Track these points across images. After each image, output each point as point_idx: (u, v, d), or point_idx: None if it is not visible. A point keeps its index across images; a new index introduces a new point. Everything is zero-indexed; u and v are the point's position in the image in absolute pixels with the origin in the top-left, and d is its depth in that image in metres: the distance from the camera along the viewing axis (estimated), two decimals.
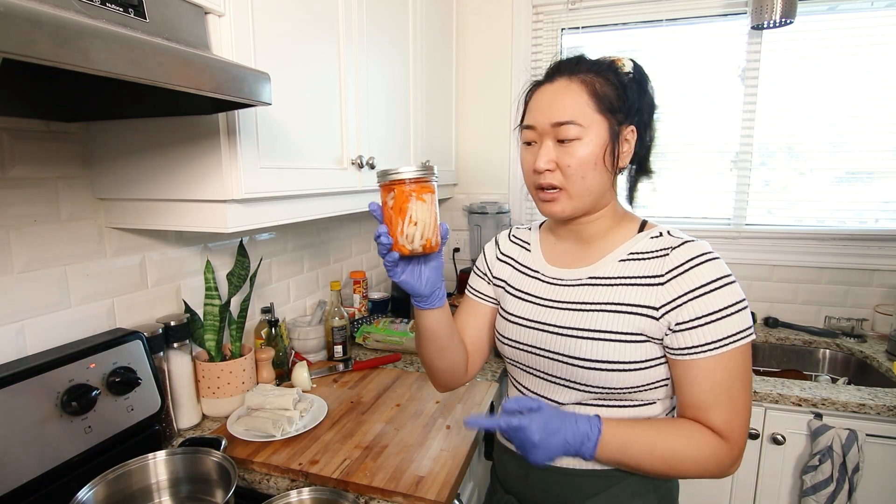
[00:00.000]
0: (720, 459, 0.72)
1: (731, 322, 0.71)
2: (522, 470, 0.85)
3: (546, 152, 0.77)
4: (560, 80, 0.78)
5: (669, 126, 1.97)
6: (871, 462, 1.36)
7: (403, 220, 0.69)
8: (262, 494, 0.95)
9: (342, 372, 1.47)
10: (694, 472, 0.73)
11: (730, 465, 0.73)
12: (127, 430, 0.95)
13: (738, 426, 0.73)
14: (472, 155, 2.19)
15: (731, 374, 0.72)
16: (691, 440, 0.72)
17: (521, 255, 0.92)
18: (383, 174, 0.70)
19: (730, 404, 0.72)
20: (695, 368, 0.73)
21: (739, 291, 0.73)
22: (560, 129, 0.76)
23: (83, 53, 0.49)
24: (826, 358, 1.80)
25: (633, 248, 0.79)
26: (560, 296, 0.82)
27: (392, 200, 0.70)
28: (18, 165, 0.90)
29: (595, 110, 0.76)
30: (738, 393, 0.72)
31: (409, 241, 0.70)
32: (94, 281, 1.03)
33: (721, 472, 0.73)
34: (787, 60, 1.82)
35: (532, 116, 0.80)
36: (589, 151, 0.75)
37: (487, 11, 2.09)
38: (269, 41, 0.96)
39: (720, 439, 0.72)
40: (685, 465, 0.72)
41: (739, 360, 0.72)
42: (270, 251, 1.53)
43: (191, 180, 0.92)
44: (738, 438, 0.73)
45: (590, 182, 0.77)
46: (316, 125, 1.14)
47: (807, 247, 1.86)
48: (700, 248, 0.75)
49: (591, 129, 0.76)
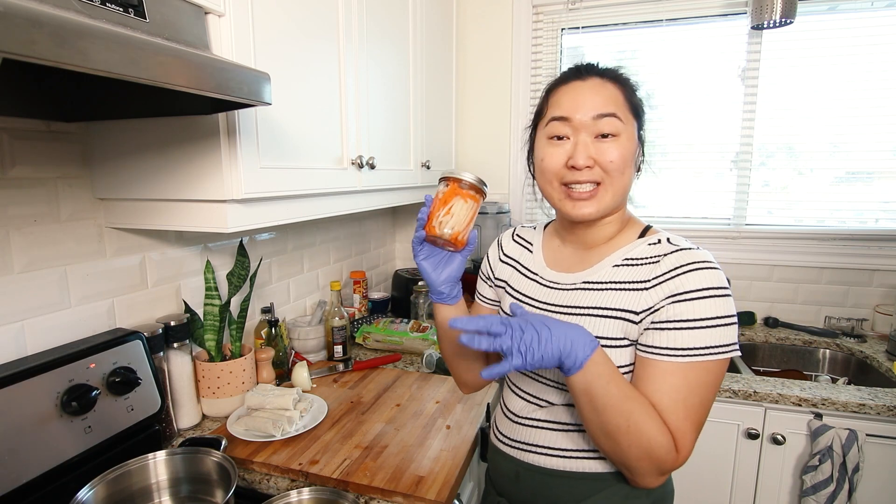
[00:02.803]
0: (666, 456, 0.68)
1: (710, 334, 0.68)
2: (513, 472, 0.85)
3: (585, 148, 0.74)
4: (593, 79, 0.77)
5: (669, 126, 1.97)
6: (871, 462, 1.36)
7: (443, 208, 0.77)
8: (262, 494, 0.95)
9: (342, 372, 1.47)
10: (638, 450, 0.68)
11: (670, 466, 0.69)
12: (127, 430, 0.95)
13: (688, 437, 0.69)
14: (472, 155, 2.19)
15: (689, 385, 0.68)
16: (656, 421, 0.68)
17: (524, 256, 0.92)
18: (445, 172, 0.80)
19: (685, 414, 0.68)
20: (653, 367, 0.70)
21: (730, 307, 0.69)
22: (602, 121, 0.73)
23: (83, 53, 0.49)
24: (826, 358, 1.80)
25: (629, 254, 0.78)
26: (554, 299, 0.82)
27: (441, 194, 0.78)
28: (18, 165, 0.90)
29: (629, 111, 0.76)
30: (695, 407, 0.69)
31: (441, 226, 0.77)
32: (94, 281, 1.03)
33: (659, 467, 0.69)
34: (786, 60, 1.82)
35: (565, 108, 0.76)
36: (627, 149, 0.75)
37: (487, 11, 2.09)
38: (269, 41, 0.96)
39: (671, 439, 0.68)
40: (641, 436, 0.67)
41: (704, 376, 0.68)
42: (270, 251, 1.53)
43: (191, 180, 0.92)
44: (683, 449, 0.69)
45: (626, 179, 0.76)
46: (316, 125, 1.14)
47: (807, 247, 1.86)
48: (695, 256, 0.72)
49: (628, 127, 0.75)
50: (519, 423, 0.85)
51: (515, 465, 0.84)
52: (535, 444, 0.82)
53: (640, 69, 1.98)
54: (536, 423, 0.83)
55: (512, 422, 0.86)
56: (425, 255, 0.81)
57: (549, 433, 0.81)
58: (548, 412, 0.82)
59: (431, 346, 1.60)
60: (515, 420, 0.86)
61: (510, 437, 0.86)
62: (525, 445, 0.83)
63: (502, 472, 0.88)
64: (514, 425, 0.86)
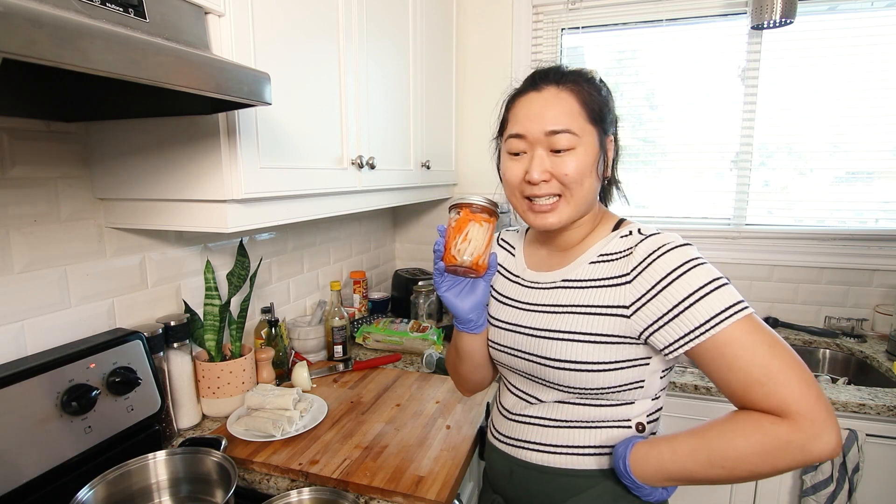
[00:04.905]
0: (785, 440, 0.61)
1: (710, 302, 0.66)
2: (507, 469, 0.86)
3: (540, 162, 0.74)
4: (548, 89, 0.76)
5: (669, 126, 1.97)
6: (871, 462, 1.36)
7: (459, 235, 0.77)
8: (262, 494, 0.95)
9: (342, 372, 1.47)
10: (763, 466, 0.62)
11: (805, 441, 0.60)
12: (127, 430, 0.95)
13: (794, 394, 0.62)
14: (472, 155, 2.19)
15: (745, 348, 0.64)
16: (735, 430, 0.64)
17: (507, 260, 0.93)
18: (454, 199, 0.80)
19: (766, 376, 0.63)
20: (698, 358, 0.68)
21: (712, 271, 0.68)
22: (554, 137, 0.73)
23: (83, 53, 0.49)
24: (826, 358, 1.80)
25: (604, 250, 0.78)
26: (535, 299, 0.83)
27: (454, 221, 0.78)
28: (18, 165, 0.90)
29: (586, 120, 0.75)
30: (769, 360, 0.63)
31: (460, 254, 0.76)
32: (94, 281, 1.03)
33: (799, 454, 0.61)
34: (786, 60, 1.81)
35: (520, 125, 0.77)
36: (583, 161, 0.74)
37: (487, 11, 2.08)
38: (269, 41, 0.96)
39: (777, 419, 0.63)
40: (746, 461, 0.62)
41: (746, 334, 0.65)
42: (270, 251, 1.53)
43: (191, 180, 0.92)
44: (799, 408, 0.61)
45: (586, 191, 0.76)
46: (316, 125, 1.14)
47: (807, 247, 1.86)
48: (662, 239, 0.72)
49: (584, 138, 0.75)
50: (512, 420, 0.86)
51: (509, 461, 0.85)
52: (527, 440, 0.83)
53: (640, 69, 1.98)
54: (528, 420, 0.84)
55: (506, 419, 0.88)
56: (448, 286, 0.81)
57: (541, 429, 0.82)
58: (539, 408, 0.83)
59: (431, 346, 1.60)
60: (509, 417, 0.87)
61: (504, 433, 0.87)
62: (518, 442, 0.84)
63: (497, 469, 0.89)
64: (508, 422, 0.87)
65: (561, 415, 0.80)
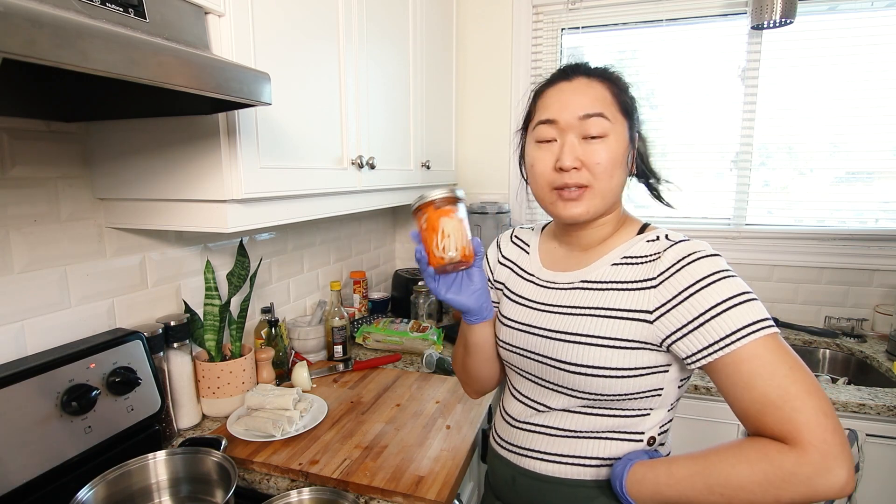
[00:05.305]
0: (790, 471, 0.58)
1: (738, 314, 0.64)
2: (510, 476, 0.84)
3: (571, 149, 0.73)
4: (579, 79, 0.76)
5: (669, 126, 1.97)
6: (871, 462, 1.36)
7: (436, 235, 0.74)
8: (262, 494, 0.95)
9: (342, 372, 1.47)
10: (764, 497, 0.59)
11: (812, 474, 0.57)
12: (127, 430, 0.95)
13: (809, 423, 0.58)
14: (472, 155, 2.19)
15: (765, 367, 0.62)
16: (738, 457, 0.61)
17: (521, 258, 0.92)
18: (414, 204, 0.76)
19: (782, 399, 0.60)
20: (716, 373, 0.66)
21: (741, 285, 0.66)
22: (588, 122, 0.72)
23: (83, 53, 0.49)
24: (826, 358, 1.80)
25: (628, 252, 0.76)
26: (552, 299, 0.81)
27: (425, 223, 0.75)
28: (18, 165, 0.90)
29: (618, 110, 0.74)
30: (789, 383, 0.60)
31: (445, 252, 0.74)
32: (94, 281, 1.03)
33: (804, 487, 0.57)
34: (786, 60, 1.82)
35: (552, 111, 0.75)
36: (616, 150, 0.73)
37: (487, 11, 2.09)
38: (269, 41, 0.96)
39: (784, 447, 0.59)
40: (746, 489, 0.60)
41: (769, 353, 0.62)
42: (270, 251, 1.53)
43: (191, 180, 0.92)
44: (812, 438, 0.58)
45: (616, 182, 0.75)
46: (316, 125, 1.14)
47: (807, 247, 1.86)
48: (693, 246, 0.70)
49: (616, 126, 0.74)
50: (517, 428, 0.84)
51: (512, 469, 0.84)
52: (532, 448, 0.81)
53: (640, 69, 1.98)
54: (534, 428, 0.82)
55: (510, 426, 0.86)
56: (445, 287, 0.79)
57: (547, 438, 0.80)
58: (546, 417, 0.81)
59: (431, 346, 1.60)
60: (514, 424, 0.85)
61: (508, 441, 0.86)
62: (522, 450, 0.83)
63: (499, 476, 0.88)
64: (512, 429, 0.85)
65: (568, 424, 0.79)
